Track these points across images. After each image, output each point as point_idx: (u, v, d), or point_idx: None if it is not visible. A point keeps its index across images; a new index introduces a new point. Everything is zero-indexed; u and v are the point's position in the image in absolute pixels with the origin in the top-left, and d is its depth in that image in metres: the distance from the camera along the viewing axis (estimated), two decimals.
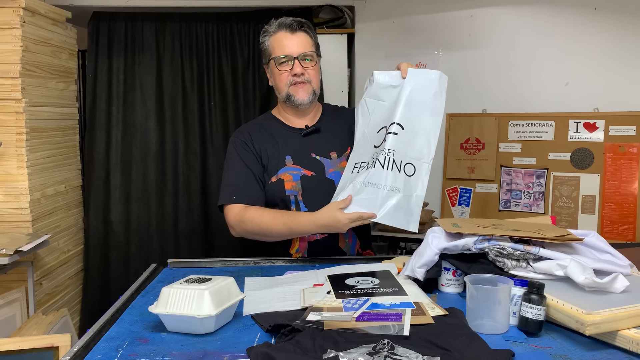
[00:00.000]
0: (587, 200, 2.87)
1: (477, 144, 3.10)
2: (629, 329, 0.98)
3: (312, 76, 1.72)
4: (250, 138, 1.76)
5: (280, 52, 1.69)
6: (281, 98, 1.75)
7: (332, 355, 0.91)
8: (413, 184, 1.51)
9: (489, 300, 1.07)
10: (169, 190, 3.39)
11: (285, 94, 1.72)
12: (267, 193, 1.69)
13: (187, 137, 3.40)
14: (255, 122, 1.87)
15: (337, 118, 1.83)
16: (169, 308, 1.08)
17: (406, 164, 1.51)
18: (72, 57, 3.07)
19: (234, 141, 1.78)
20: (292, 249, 1.70)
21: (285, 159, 1.72)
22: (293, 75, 1.69)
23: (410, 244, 3.15)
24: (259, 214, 1.62)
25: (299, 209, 1.68)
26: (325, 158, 1.73)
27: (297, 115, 1.78)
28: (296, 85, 1.70)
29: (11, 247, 2.17)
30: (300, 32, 1.70)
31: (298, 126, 1.78)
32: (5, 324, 2.31)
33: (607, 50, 2.86)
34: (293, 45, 1.69)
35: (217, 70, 3.40)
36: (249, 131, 1.79)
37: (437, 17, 3.20)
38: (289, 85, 1.70)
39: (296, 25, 1.70)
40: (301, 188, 1.69)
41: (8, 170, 2.53)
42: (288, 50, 1.69)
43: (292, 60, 1.69)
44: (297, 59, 1.68)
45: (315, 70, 1.74)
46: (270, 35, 1.74)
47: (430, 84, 1.57)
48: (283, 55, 1.69)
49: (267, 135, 1.77)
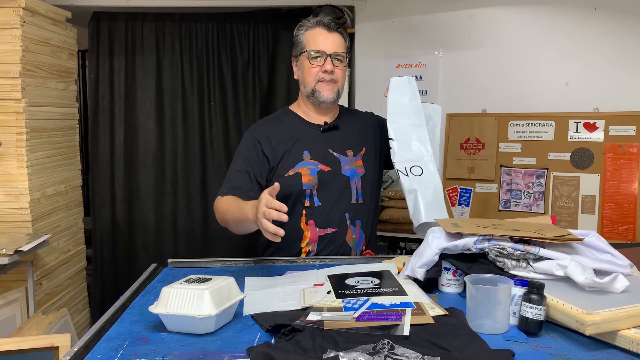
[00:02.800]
0: (587, 200, 2.87)
1: (477, 144, 3.10)
2: (629, 329, 0.98)
3: (339, 77, 1.77)
4: (265, 135, 1.77)
5: (315, 47, 1.74)
6: (306, 92, 1.79)
7: (332, 355, 0.91)
8: (427, 180, 1.65)
9: (489, 300, 1.07)
10: (169, 190, 3.40)
11: (311, 89, 1.76)
12: (283, 186, 1.69)
13: (187, 137, 3.41)
14: (273, 116, 1.90)
15: (352, 119, 1.89)
16: (169, 308, 1.08)
17: (411, 167, 1.66)
18: (72, 57, 3.07)
19: (247, 137, 1.81)
20: (303, 242, 1.73)
21: (303, 153, 1.74)
22: (323, 71, 1.74)
23: (410, 244, 3.15)
24: (226, 200, 1.64)
25: (313, 203, 1.72)
26: (342, 155, 1.78)
27: (318, 112, 1.82)
28: (323, 82, 1.75)
29: (11, 247, 2.17)
30: (336, 32, 1.77)
31: (317, 122, 1.82)
32: (5, 324, 2.31)
33: (607, 50, 2.86)
34: (328, 43, 1.74)
35: (217, 70, 3.40)
36: (265, 127, 1.82)
37: (437, 17, 3.20)
38: (316, 81, 1.75)
39: (334, 26, 1.77)
40: (317, 182, 1.72)
41: (8, 170, 2.53)
42: (322, 47, 1.73)
43: (325, 57, 1.73)
44: (330, 56, 1.73)
45: (343, 71, 1.79)
46: (307, 29, 1.78)
47: (402, 91, 1.75)
48: (317, 50, 1.73)
49: (285, 130, 1.79)
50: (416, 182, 1.65)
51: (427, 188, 1.65)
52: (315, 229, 1.72)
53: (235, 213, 1.57)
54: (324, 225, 1.72)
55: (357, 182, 1.77)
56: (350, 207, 1.75)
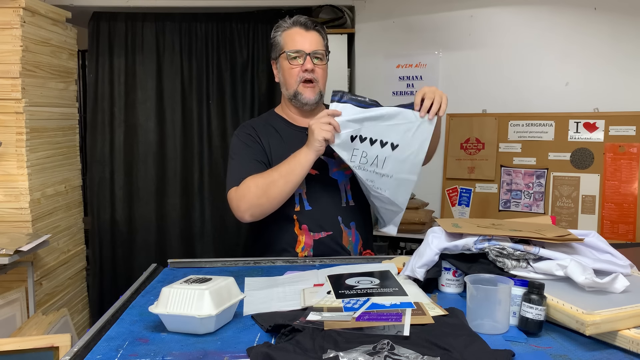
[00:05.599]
0: (587, 200, 2.87)
1: (477, 144, 3.10)
2: (629, 329, 0.98)
3: (320, 76, 1.73)
4: (255, 132, 1.76)
5: (293, 47, 1.70)
6: (288, 95, 1.75)
7: (332, 355, 0.91)
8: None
9: (489, 300, 1.07)
10: (168, 190, 3.40)
11: (293, 92, 1.73)
12: None
13: (186, 137, 3.41)
14: (260, 118, 1.87)
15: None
16: (169, 308, 1.08)
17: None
18: (72, 57, 3.07)
19: (239, 134, 1.77)
20: (298, 247, 1.70)
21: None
22: (304, 71, 1.70)
23: (410, 244, 3.15)
24: (253, 178, 1.61)
25: (303, 207, 1.69)
26: (328, 158, 1.73)
27: (302, 114, 1.79)
28: (305, 84, 1.71)
29: (11, 247, 2.17)
30: (313, 30, 1.72)
31: (302, 125, 1.78)
32: (5, 324, 2.31)
33: (607, 51, 2.86)
34: (306, 42, 1.70)
35: (217, 70, 3.40)
36: (253, 126, 1.79)
37: (437, 17, 3.20)
38: (298, 83, 1.71)
39: (310, 24, 1.72)
40: (305, 186, 1.70)
41: (8, 170, 2.53)
42: (300, 46, 1.69)
43: (304, 57, 1.69)
44: (309, 55, 1.69)
45: (324, 70, 1.75)
46: (283, 30, 1.74)
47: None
48: (296, 50, 1.69)
49: (272, 131, 1.77)
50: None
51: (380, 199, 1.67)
52: (310, 233, 1.69)
53: (280, 168, 1.58)
54: (318, 229, 1.69)
55: (346, 184, 1.74)
56: (341, 210, 1.72)
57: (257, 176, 1.62)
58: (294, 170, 1.58)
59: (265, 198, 1.59)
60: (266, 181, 1.59)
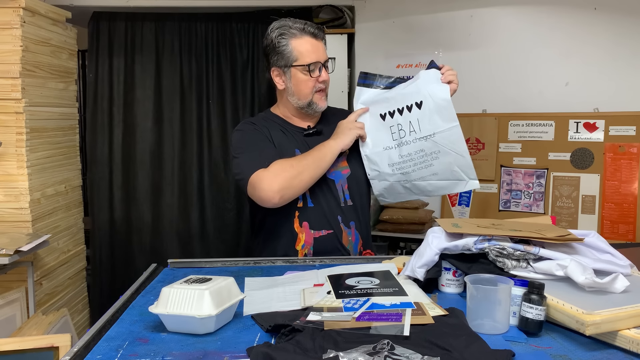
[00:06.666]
0: (587, 200, 2.87)
1: (477, 144, 3.10)
2: (629, 329, 0.98)
3: (329, 82, 1.76)
4: (258, 125, 1.76)
5: (310, 60, 1.68)
6: (299, 104, 1.74)
7: (332, 355, 0.91)
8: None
9: (489, 300, 1.07)
10: (167, 189, 3.40)
11: (307, 101, 1.73)
12: None
13: (185, 137, 3.41)
14: (257, 117, 1.87)
15: (333, 119, 1.83)
16: (169, 308, 1.08)
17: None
18: (72, 57, 3.07)
19: (243, 128, 1.76)
20: (298, 245, 1.71)
21: (295, 152, 1.71)
22: (321, 82, 1.71)
23: (410, 244, 3.15)
24: (286, 160, 1.62)
25: (306, 203, 1.70)
26: None
27: (301, 116, 1.80)
28: (319, 93, 1.72)
29: (11, 247, 2.17)
30: (322, 39, 1.73)
31: (300, 125, 1.80)
32: (5, 324, 2.31)
33: (607, 50, 2.86)
34: (320, 53, 1.70)
35: (216, 70, 3.40)
36: (254, 122, 1.79)
37: (437, 17, 3.20)
38: (313, 93, 1.72)
39: (320, 34, 1.72)
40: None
41: (8, 170, 2.52)
42: (316, 57, 1.69)
43: (320, 67, 1.70)
44: (324, 65, 1.71)
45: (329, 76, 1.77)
46: (291, 37, 1.69)
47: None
48: (314, 62, 1.68)
49: (274, 125, 1.78)
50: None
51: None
52: (310, 231, 1.69)
53: (312, 153, 1.64)
54: (318, 227, 1.70)
55: (344, 184, 1.74)
56: (341, 209, 1.73)
57: (288, 159, 1.63)
58: (325, 157, 1.64)
59: (299, 180, 1.61)
60: (300, 163, 1.62)
